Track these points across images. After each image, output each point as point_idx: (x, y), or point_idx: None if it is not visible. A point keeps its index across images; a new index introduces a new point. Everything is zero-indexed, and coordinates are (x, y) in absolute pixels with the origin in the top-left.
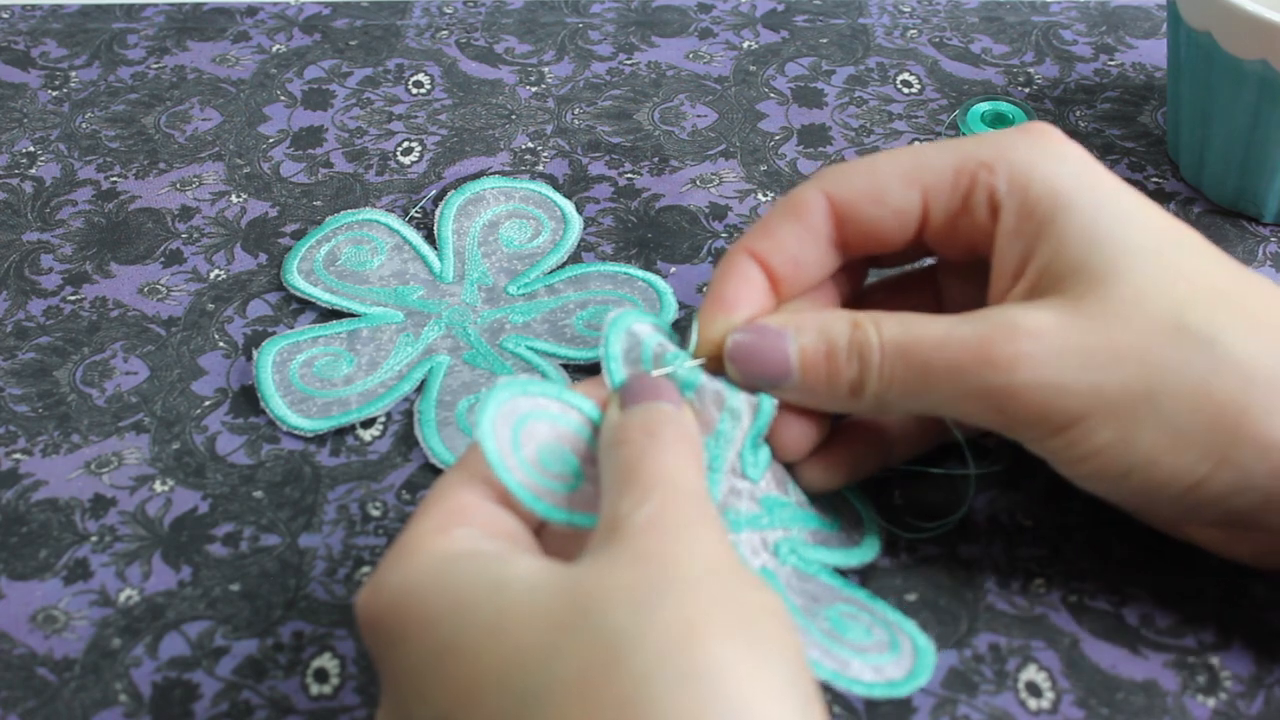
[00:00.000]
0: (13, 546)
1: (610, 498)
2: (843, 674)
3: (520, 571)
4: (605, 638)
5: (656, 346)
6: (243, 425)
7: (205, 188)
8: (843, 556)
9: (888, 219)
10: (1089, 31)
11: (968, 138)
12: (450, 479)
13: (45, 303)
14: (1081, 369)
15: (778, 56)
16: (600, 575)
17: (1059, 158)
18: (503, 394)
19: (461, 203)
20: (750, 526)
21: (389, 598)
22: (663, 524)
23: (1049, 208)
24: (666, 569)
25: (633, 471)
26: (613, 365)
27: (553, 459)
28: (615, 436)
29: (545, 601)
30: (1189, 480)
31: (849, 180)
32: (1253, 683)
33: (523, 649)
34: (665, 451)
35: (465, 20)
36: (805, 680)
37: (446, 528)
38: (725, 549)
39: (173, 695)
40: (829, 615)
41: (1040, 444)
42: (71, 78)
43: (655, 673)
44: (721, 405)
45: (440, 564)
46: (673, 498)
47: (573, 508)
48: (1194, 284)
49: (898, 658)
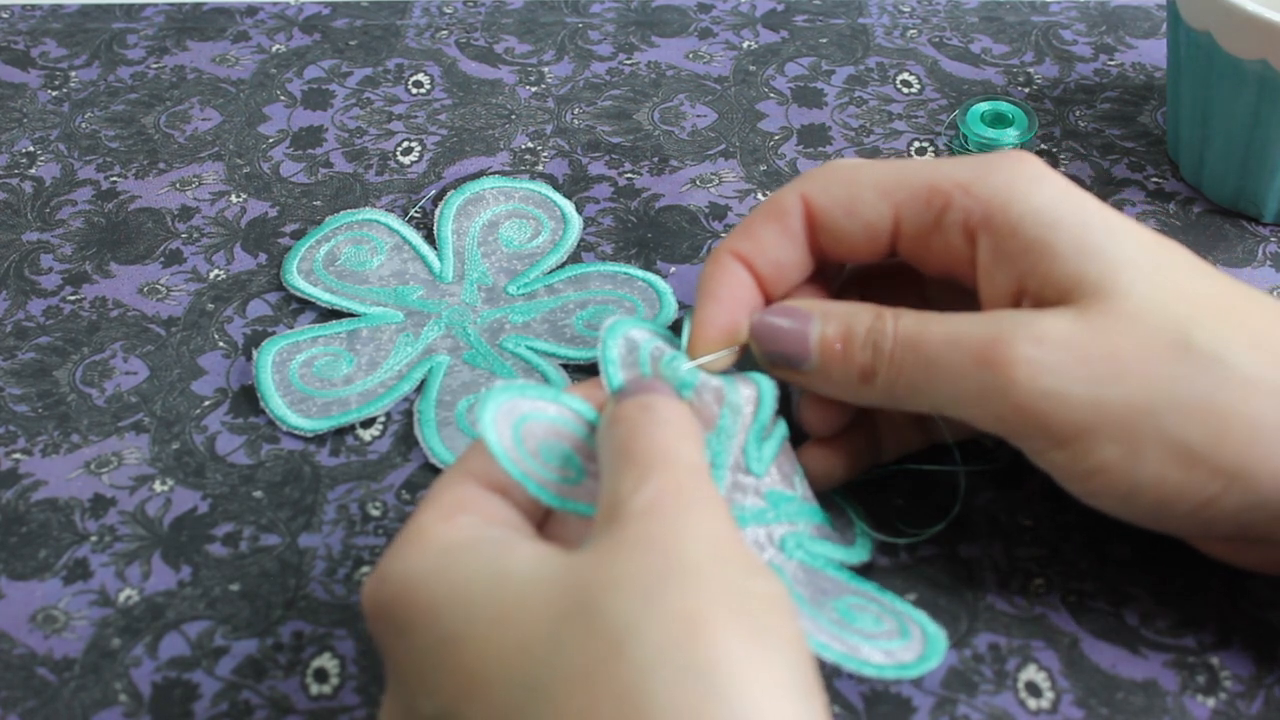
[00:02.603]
0: (12, 546)
1: (609, 478)
2: (853, 656)
3: (523, 560)
4: (607, 629)
5: (654, 350)
6: (242, 425)
7: (205, 188)
8: (843, 554)
9: (858, 232)
10: (1089, 31)
11: (948, 159)
12: (452, 475)
13: (45, 303)
14: (1085, 380)
15: (777, 56)
16: (602, 563)
17: (1039, 180)
18: (502, 395)
19: (461, 203)
20: (756, 521)
21: (394, 587)
22: (664, 506)
23: (1033, 226)
24: (669, 556)
25: (630, 448)
26: (610, 370)
27: (553, 454)
28: (612, 416)
29: (548, 591)
30: (1199, 499)
31: (826, 188)
32: (1253, 683)
33: (526, 640)
34: (662, 427)
35: (465, 20)
36: (807, 671)
37: (450, 516)
38: (728, 530)
39: (173, 695)
40: (837, 606)
41: (1044, 456)
42: (71, 78)
43: (656, 665)
44: (722, 401)
45: (445, 553)
46: (672, 476)
47: (577, 498)
48: (1195, 301)
49: (908, 643)
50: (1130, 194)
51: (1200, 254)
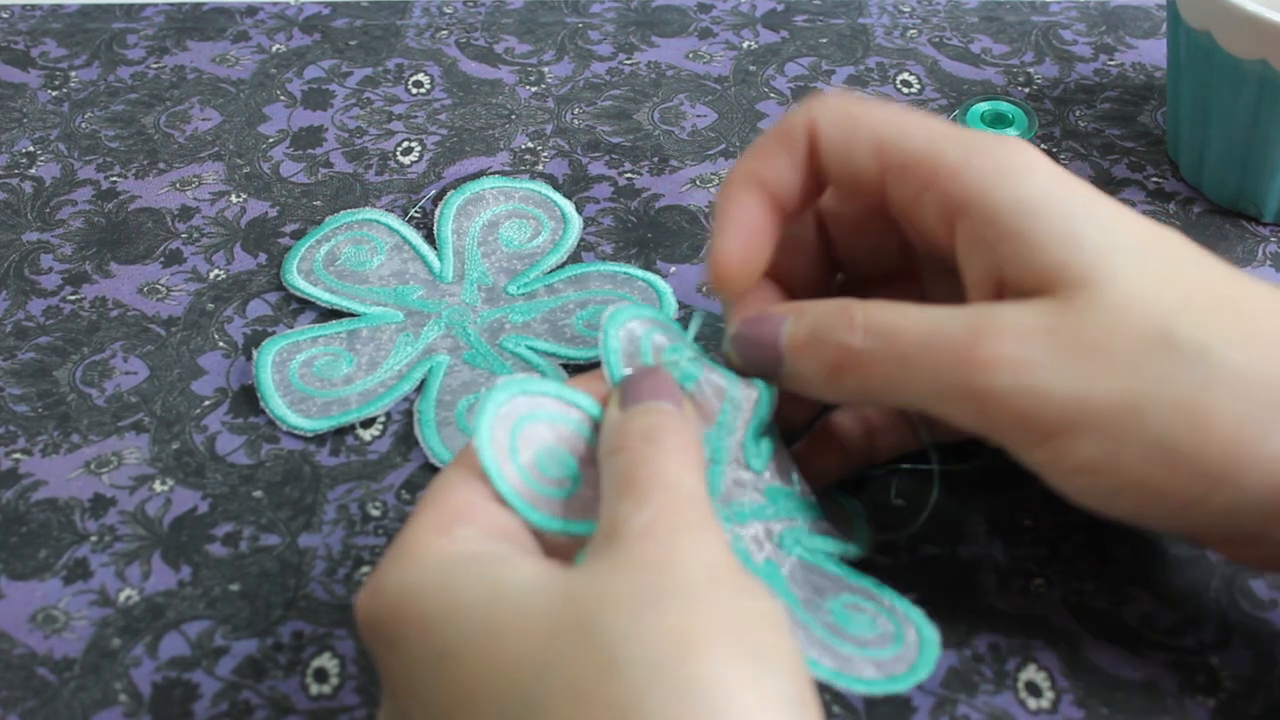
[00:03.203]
0: (12, 546)
1: (609, 502)
2: (844, 672)
3: (519, 576)
4: (601, 647)
5: (656, 340)
6: (242, 425)
7: (205, 188)
8: (842, 548)
9: (849, 177)
10: (1089, 31)
11: (949, 131)
12: (449, 477)
13: (45, 303)
14: (1065, 376)
15: (777, 56)
16: (597, 582)
17: (1028, 169)
18: (501, 394)
19: (461, 202)
20: (755, 517)
21: (389, 599)
22: (661, 529)
23: (1012, 215)
24: (663, 576)
25: (632, 477)
26: (612, 360)
27: (550, 463)
28: (614, 443)
29: (543, 608)
30: (1185, 498)
31: (832, 123)
32: (1253, 683)
33: (520, 656)
34: (665, 457)
35: (465, 20)
36: (803, 690)
37: (447, 527)
38: (724, 553)
39: (172, 695)
40: (832, 608)
41: (1026, 454)
42: (71, 78)
43: (650, 684)
44: (722, 396)
45: (440, 566)
46: (671, 502)
47: (569, 515)
48: (1184, 290)
49: (901, 650)
50: (1130, 194)
51: None
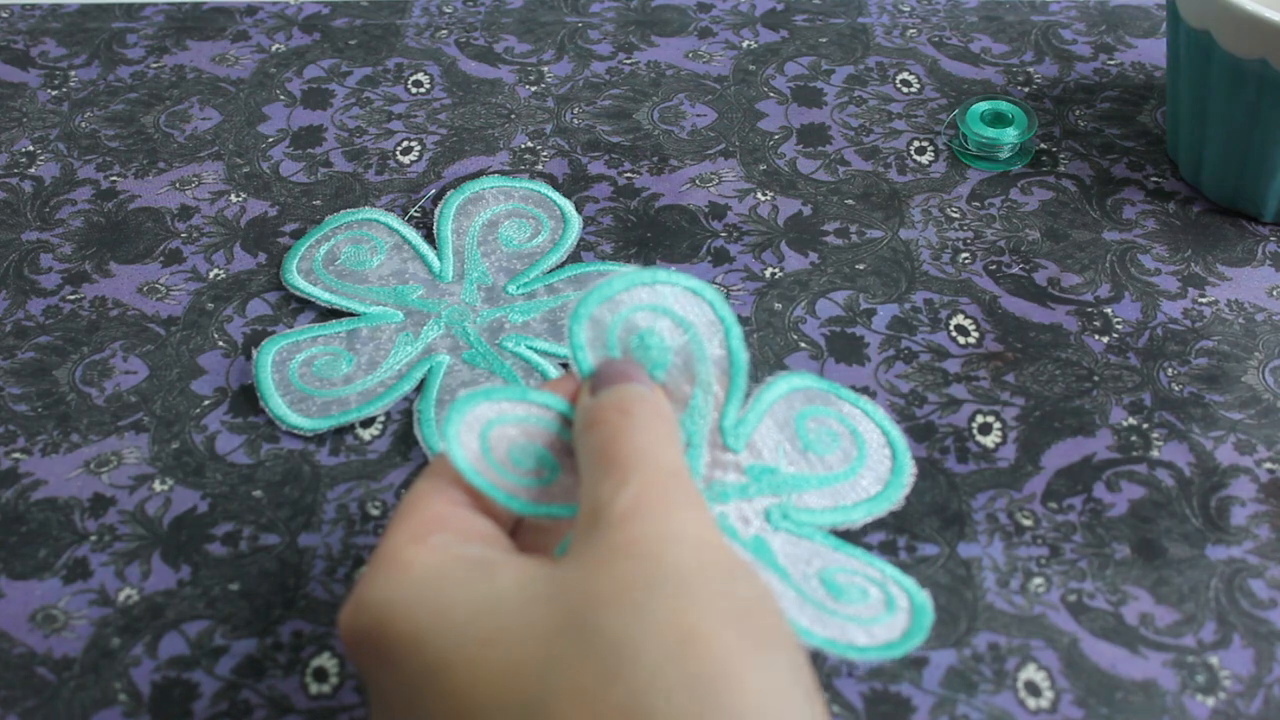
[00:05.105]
0: (12, 546)
1: (589, 483)
2: (836, 640)
3: (505, 580)
4: (601, 647)
5: (621, 330)
6: (242, 425)
7: (205, 187)
8: (831, 519)
9: None
10: (1088, 31)
11: None
12: (420, 488)
13: (45, 302)
14: None
15: (777, 56)
16: (590, 576)
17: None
18: (465, 404)
19: (461, 202)
20: (739, 497)
21: (372, 614)
22: (644, 510)
23: None
24: (653, 564)
25: (610, 453)
26: (579, 354)
27: (524, 456)
28: (589, 418)
29: (538, 610)
30: None
31: None
32: (1252, 683)
33: (517, 662)
34: (641, 430)
35: (465, 20)
36: (805, 671)
37: (424, 536)
38: (711, 532)
39: (172, 694)
40: (823, 579)
41: None
42: (71, 77)
43: (656, 679)
44: (693, 381)
45: (423, 579)
46: (653, 480)
47: (551, 500)
48: None
49: (893, 617)
50: (1130, 193)
51: (1200, 253)
